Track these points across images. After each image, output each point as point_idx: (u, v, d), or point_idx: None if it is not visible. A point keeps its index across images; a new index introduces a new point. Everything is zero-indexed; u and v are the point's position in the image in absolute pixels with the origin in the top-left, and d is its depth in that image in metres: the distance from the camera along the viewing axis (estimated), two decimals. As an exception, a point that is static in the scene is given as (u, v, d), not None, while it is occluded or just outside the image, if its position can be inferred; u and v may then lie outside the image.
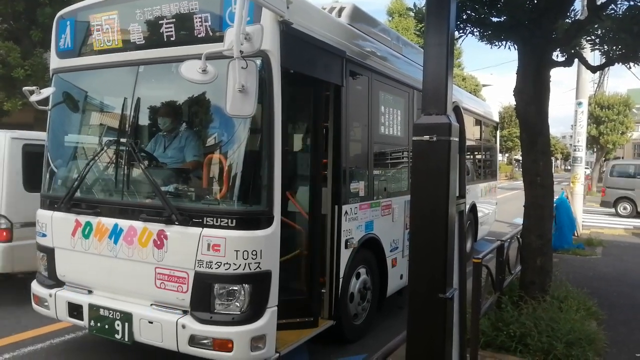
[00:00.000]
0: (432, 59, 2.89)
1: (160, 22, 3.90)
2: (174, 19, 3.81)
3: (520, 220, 5.65)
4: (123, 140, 3.98)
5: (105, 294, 4.05)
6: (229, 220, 3.50)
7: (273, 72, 3.54)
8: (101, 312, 3.94)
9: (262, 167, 3.57)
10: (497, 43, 5.26)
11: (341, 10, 5.24)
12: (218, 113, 3.72)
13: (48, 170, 4.55)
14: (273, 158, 3.56)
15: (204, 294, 3.57)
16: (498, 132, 11.81)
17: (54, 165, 4.53)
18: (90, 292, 4.13)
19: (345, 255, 4.60)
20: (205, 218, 3.56)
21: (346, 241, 4.60)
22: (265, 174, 3.56)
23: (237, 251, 3.47)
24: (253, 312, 3.53)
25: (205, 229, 3.55)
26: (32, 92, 4.41)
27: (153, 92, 4.10)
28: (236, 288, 3.52)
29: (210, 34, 3.66)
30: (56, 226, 4.27)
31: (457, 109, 3.61)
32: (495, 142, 11.37)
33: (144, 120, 4.06)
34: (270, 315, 3.59)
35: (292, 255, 4.32)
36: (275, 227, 3.59)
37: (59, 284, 4.30)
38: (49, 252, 4.34)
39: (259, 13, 3.47)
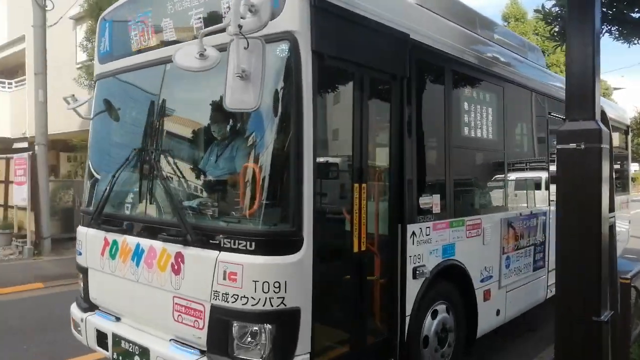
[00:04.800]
0: (577, 61, 2.80)
1: (190, 13, 3.40)
2: (203, 8, 3.29)
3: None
4: (146, 149, 3.51)
5: (132, 322, 3.58)
6: (248, 242, 2.82)
7: (301, 59, 2.83)
8: (122, 344, 3.47)
9: (287, 177, 2.85)
10: (635, 41, 4.39)
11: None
12: (236, 115, 3.08)
13: (88, 183, 4.27)
14: (302, 166, 2.83)
15: (220, 333, 2.91)
16: (629, 138, 9.89)
17: (92, 178, 4.23)
18: (118, 319, 3.70)
19: (413, 287, 3.68)
20: (222, 239, 2.92)
21: (414, 269, 3.69)
22: (292, 185, 2.84)
23: (255, 282, 2.78)
24: (278, 360, 2.80)
25: (222, 252, 2.91)
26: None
27: (179, 93, 3.59)
28: (256, 328, 2.81)
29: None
30: (89, 244, 3.93)
31: (602, 114, 3.15)
32: (627, 149, 9.51)
33: (168, 126, 3.53)
34: (300, 365, 2.83)
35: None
36: (305, 253, 2.84)
37: (92, 307, 3.93)
38: (84, 273, 4.01)
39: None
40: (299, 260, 2.82)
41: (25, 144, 18.25)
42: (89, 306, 3.95)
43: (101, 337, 3.70)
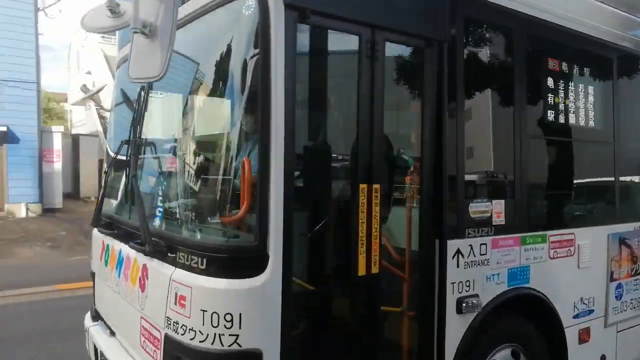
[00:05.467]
0: None
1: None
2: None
3: None
4: (128, 144, 3.01)
5: (121, 339, 3.14)
6: (200, 258, 2.17)
7: (270, 17, 2.10)
8: (104, 365, 3.03)
9: (247, 175, 2.13)
10: None
11: None
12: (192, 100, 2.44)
13: (103, 179, 3.94)
14: (268, 160, 2.09)
15: (173, 371, 2.30)
16: None
17: (105, 176, 3.89)
18: (113, 334, 3.28)
19: (457, 325, 2.73)
20: (178, 252, 2.30)
21: (459, 301, 2.73)
22: (255, 184, 2.11)
23: (203, 311, 2.11)
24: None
25: (177, 269, 2.30)
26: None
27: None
28: (206, 372, 2.15)
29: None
30: (94, 247, 3.60)
31: None
32: None
33: (146, 117, 2.96)
34: None
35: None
36: (271, 275, 2.10)
37: (97, 317, 3.57)
38: (93, 278, 3.69)
39: None
40: (260, 285, 2.08)
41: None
42: (96, 315, 3.60)
43: (97, 352, 3.32)
